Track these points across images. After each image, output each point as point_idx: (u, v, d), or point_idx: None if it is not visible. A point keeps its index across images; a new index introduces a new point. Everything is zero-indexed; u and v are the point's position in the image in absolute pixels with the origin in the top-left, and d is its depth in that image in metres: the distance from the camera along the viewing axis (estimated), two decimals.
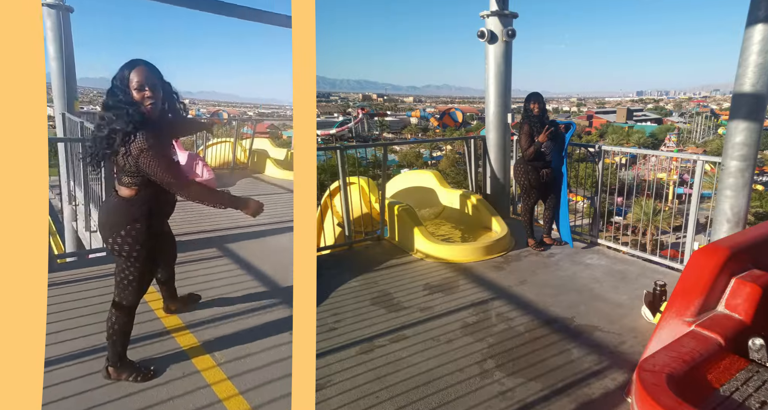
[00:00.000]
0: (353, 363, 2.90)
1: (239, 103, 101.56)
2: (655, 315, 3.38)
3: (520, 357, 2.96)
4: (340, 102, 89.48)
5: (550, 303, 3.71)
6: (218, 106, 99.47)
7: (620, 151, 5.71)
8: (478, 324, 3.38)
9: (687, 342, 2.06)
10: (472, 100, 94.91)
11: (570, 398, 2.57)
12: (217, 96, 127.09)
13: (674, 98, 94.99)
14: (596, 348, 3.06)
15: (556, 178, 4.94)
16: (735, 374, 1.93)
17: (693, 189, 4.38)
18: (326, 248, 5.14)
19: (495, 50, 5.60)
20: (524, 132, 4.82)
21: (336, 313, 3.55)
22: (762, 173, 40.17)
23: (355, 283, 4.10)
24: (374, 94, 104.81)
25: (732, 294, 2.28)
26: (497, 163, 5.91)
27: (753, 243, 2.53)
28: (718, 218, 3.93)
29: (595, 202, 5.29)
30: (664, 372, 1.81)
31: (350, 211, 5.06)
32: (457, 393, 2.61)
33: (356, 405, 2.52)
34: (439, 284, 4.08)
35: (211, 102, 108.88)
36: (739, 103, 3.72)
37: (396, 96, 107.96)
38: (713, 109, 76.58)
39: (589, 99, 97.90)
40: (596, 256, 4.77)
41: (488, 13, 5.54)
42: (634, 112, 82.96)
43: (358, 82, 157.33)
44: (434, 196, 6.25)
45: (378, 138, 61.85)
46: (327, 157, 6.96)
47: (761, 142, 3.91)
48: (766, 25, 3.50)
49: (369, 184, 5.77)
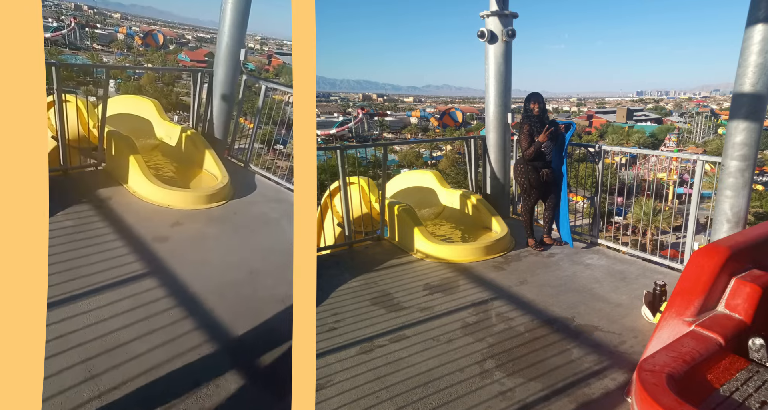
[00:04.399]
0: (353, 363, 2.91)
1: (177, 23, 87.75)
2: (655, 315, 3.38)
3: (520, 357, 2.96)
4: (340, 102, 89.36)
5: (550, 303, 3.71)
6: (155, 25, 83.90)
7: (620, 151, 5.71)
8: (478, 324, 3.38)
9: (687, 342, 2.06)
10: (472, 100, 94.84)
11: (570, 398, 2.57)
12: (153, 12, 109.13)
13: (674, 98, 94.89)
14: (596, 348, 3.06)
15: (556, 178, 4.94)
16: (735, 374, 1.93)
17: (693, 189, 4.39)
18: (326, 248, 5.14)
19: (495, 50, 5.60)
20: (524, 132, 4.83)
21: (336, 313, 3.55)
22: (762, 173, 40.17)
23: (355, 283, 4.10)
24: (374, 94, 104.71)
25: (732, 294, 2.28)
26: (497, 163, 5.90)
27: (753, 243, 2.53)
28: (718, 218, 3.93)
29: (595, 202, 5.29)
30: (664, 372, 1.81)
31: (350, 211, 5.05)
32: (457, 393, 2.61)
33: (356, 405, 2.52)
34: (439, 284, 4.08)
35: (146, 19, 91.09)
36: (739, 103, 3.72)
37: (396, 96, 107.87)
38: (713, 109, 76.53)
39: (589, 99, 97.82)
40: (596, 256, 4.77)
41: (488, 13, 5.54)
42: (634, 112, 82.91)
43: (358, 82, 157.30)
44: (434, 196, 6.24)
45: (378, 138, 61.82)
46: (327, 157, 6.95)
47: (761, 142, 3.91)
48: (766, 25, 3.50)
49: (369, 184, 5.77)
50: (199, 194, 4.63)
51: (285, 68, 65.28)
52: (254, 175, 5.64)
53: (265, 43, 77.74)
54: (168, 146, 5.67)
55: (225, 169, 5.09)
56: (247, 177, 5.55)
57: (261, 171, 5.78)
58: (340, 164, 4.86)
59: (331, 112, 73.92)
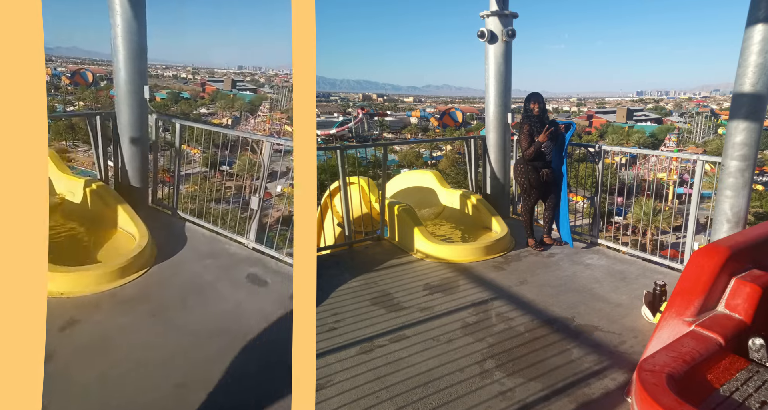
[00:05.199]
0: (353, 363, 2.91)
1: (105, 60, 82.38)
2: (655, 315, 3.38)
3: (520, 357, 2.96)
4: (340, 102, 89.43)
5: (550, 303, 3.71)
6: (82, 64, 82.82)
7: (620, 151, 5.71)
8: (478, 324, 3.38)
9: (687, 342, 2.06)
10: (472, 100, 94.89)
11: (570, 398, 2.57)
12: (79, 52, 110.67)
13: (674, 98, 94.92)
14: (596, 348, 3.06)
15: (556, 178, 4.94)
16: (735, 374, 1.93)
17: (693, 189, 4.39)
18: (326, 248, 5.14)
19: (495, 50, 5.60)
20: (524, 132, 4.83)
21: (336, 313, 3.55)
22: (762, 173, 40.20)
23: (355, 283, 4.10)
24: (374, 94, 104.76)
25: (732, 294, 2.28)
26: (497, 163, 5.90)
27: (753, 243, 2.53)
28: (718, 218, 3.93)
29: (595, 202, 5.29)
30: (664, 372, 1.81)
31: (350, 211, 5.06)
32: (457, 393, 2.62)
33: (356, 405, 2.52)
34: (439, 284, 4.08)
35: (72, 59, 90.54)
36: (739, 103, 3.72)
37: (396, 96, 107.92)
38: (713, 109, 76.54)
39: (589, 99, 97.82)
40: (596, 256, 4.77)
41: (488, 13, 5.55)
42: (634, 112, 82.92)
43: (358, 82, 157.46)
44: (434, 196, 6.25)
45: (378, 138, 61.87)
46: (327, 157, 6.96)
47: (761, 142, 3.91)
48: (766, 25, 3.49)
49: (369, 184, 5.77)
50: (105, 271, 3.58)
51: (219, 94, 66.26)
52: (184, 224, 4.83)
53: (197, 72, 78.49)
54: (71, 204, 4.73)
55: (144, 225, 4.24)
56: (175, 227, 4.74)
57: (191, 218, 4.94)
58: (340, 164, 4.86)
59: (331, 112, 74.00)
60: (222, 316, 3.28)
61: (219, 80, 73.32)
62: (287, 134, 49.84)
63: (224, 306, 3.40)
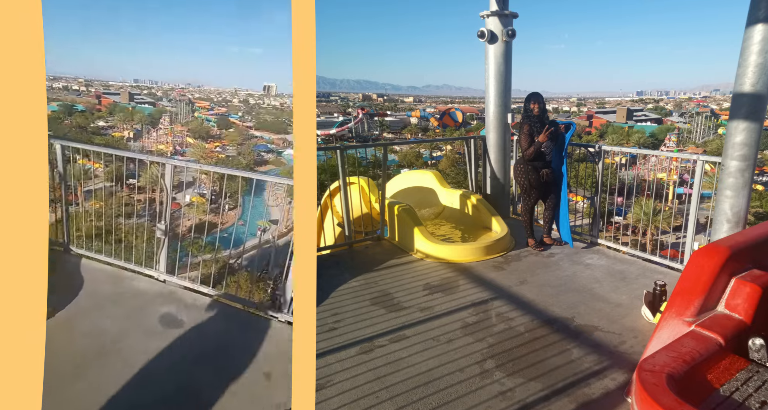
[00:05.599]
0: (353, 363, 2.90)
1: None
2: (655, 315, 3.38)
3: (520, 357, 2.96)
4: (340, 102, 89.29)
5: (550, 303, 3.71)
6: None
7: (620, 151, 5.71)
8: (478, 324, 3.38)
9: (687, 342, 2.06)
10: (472, 100, 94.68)
11: (570, 398, 2.57)
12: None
13: (674, 98, 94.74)
14: (596, 348, 3.06)
15: (556, 178, 4.94)
16: (735, 374, 1.93)
17: (693, 189, 4.39)
18: (326, 248, 5.14)
19: (495, 50, 5.60)
20: (524, 132, 4.83)
21: (336, 313, 3.55)
22: (762, 173, 40.17)
23: (355, 283, 4.10)
24: (374, 94, 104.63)
25: (732, 294, 2.28)
26: (497, 163, 5.90)
27: (753, 243, 2.53)
28: (718, 218, 3.93)
29: (595, 202, 5.29)
30: (664, 372, 1.81)
31: (350, 211, 5.05)
32: (457, 393, 2.61)
33: (356, 405, 2.52)
34: (439, 284, 4.08)
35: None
36: (739, 103, 3.72)
37: (396, 96, 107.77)
38: (713, 109, 76.44)
39: (589, 99, 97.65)
40: (596, 256, 4.77)
41: (488, 13, 5.54)
42: (634, 112, 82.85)
43: (358, 82, 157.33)
44: (434, 196, 6.25)
45: (378, 138, 61.83)
46: (327, 157, 6.95)
47: (761, 142, 3.91)
48: (766, 25, 3.49)
49: (369, 184, 5.77)
50: None
51: (117, 107, 64.22)
52: (79, 261, 4.00)
53: (90, 85, 77.87)
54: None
55: None
56: (68, 266, 3.92)
57: (89, 253, 4.10)
58: (340, 164, 4.86)
59: (331, 112, 73.92)
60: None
61: (115, 93, 71.76)
62: (189, 145, 50.55)
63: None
